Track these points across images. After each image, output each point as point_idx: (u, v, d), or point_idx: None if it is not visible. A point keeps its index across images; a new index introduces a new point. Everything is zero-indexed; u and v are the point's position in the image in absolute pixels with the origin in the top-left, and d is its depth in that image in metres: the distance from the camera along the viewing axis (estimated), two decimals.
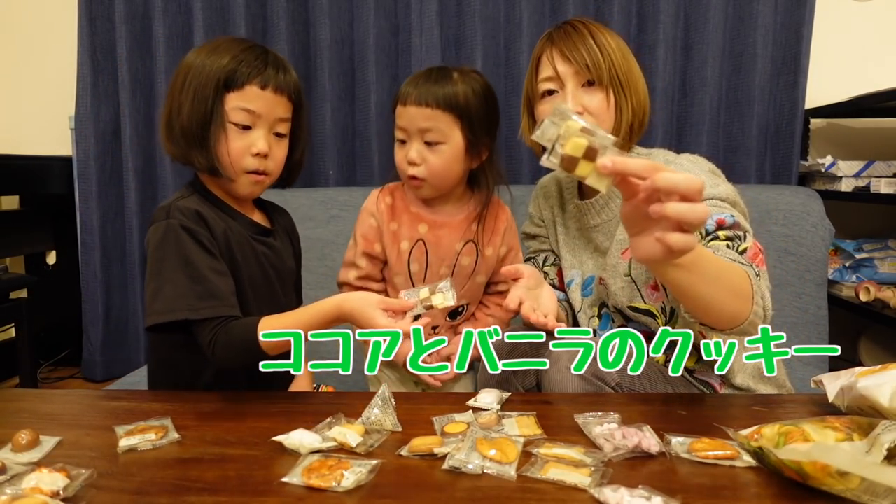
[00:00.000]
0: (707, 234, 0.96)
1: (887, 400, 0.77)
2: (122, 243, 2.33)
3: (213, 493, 0.69)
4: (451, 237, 1.23)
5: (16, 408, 0.96)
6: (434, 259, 1.22)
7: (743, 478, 0.71)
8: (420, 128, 1.13)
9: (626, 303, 1.12)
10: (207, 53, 1.03)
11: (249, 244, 1.07)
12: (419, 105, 1.12)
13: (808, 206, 1.72)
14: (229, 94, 1.01)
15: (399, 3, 2.14)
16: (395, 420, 0.85)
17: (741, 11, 2.06)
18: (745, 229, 0.97)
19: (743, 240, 0.95)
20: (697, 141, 2.09)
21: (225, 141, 1.02)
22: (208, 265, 0.97)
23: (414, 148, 1.15)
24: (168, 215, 0.99)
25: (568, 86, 1.08)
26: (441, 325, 1.26)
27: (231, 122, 1.02)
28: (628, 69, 1.09)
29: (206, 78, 1.01)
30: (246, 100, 1.02)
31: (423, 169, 1.16)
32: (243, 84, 1.01)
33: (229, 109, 1.02)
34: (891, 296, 1.80)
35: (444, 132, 1.14)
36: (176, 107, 1.03)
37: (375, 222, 1.23)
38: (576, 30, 1.10)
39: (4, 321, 2.09)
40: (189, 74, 1.02)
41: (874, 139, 2.23)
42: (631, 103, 1.08)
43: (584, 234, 1.22)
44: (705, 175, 1.05)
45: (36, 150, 2.34)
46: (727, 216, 0.96)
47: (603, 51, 1.07)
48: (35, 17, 2.43)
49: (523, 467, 0.72)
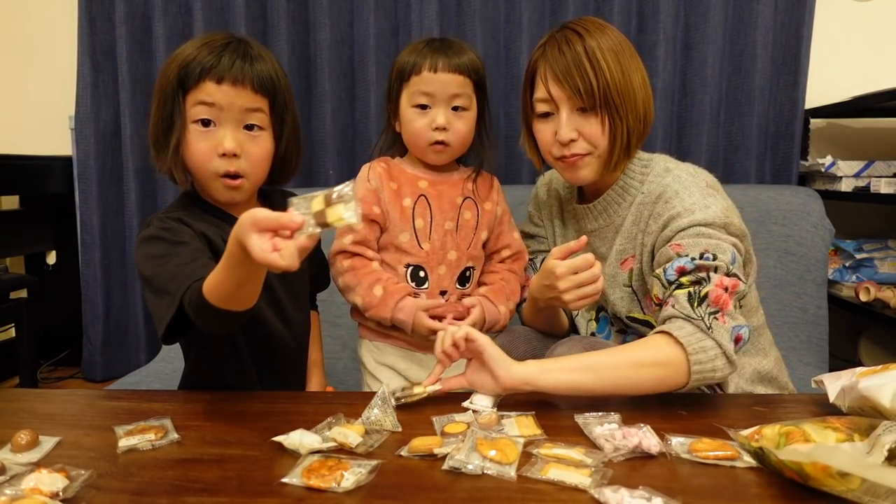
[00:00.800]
0: (670, 283, 0.96)
1: (888, 400, 0.77)
2: (122, 243, 2.33)
3: (212, 493, 0.69)
4: (452, 192, 1.24)
5: (16, 408, 0.95)
6: (437, 213, 1.22)
7: (743, 478, 0.71)
8: (452, 94, 1.16)
9: (624, 312, 1.12)
10: (171, 57, 0.99)
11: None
12: (451, 72, 1.15)
13: (808, 206, 1.72)
14: (188, 95, 0.96)
15: (399, 3, 2.14)
16: (395, 420, 0.85)
17: (741, 11, 2.06)
18: (711, 267, 0.95)
19: (707, 281, 0.94)
20: (697, 141, 2.09)
21: (189, 145, 0.97)
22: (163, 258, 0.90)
23: (442, 113, 1.16)
24: (149, 224, 0.97)
25: (562, 111, 1.06)
26: (450, 291, 1.24)
27: (192, 121, 0.96)
28: (625, 86, 1.04)
29: (165, 81, 0.97)
30: (204, 93, 0.95)
31: (451, 134, 1.18)
32: (197, 81, 0.95)
33: (189, 108, 0.96)
34: (891, 296, 1.80)
35: (470, 98, 1.19)
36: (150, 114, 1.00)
37: (373, 185, 1.22)
38: (569, 45, 1.04)
39: (4, 321, 2.08)
40: (156, 82, 0.99)
41: (874, 139, 2.23)
42: (627, 123, 1.05)
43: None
44: (699, 192, 1.02)
45: (36, 150, 2.34)
46: (686, 261, 0.95)
47: (598, 71, 1.02)
48: (35, 17, 2.43)
49: (523, 468, 0.72)
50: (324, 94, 2.16)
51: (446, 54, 1.15)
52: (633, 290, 1.11)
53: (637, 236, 1.09)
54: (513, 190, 1.79)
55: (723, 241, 0.98)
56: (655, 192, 1.07)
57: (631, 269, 1.11)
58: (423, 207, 1.22)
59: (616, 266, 1.13)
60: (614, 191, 1.13)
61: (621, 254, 1.12)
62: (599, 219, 1.16)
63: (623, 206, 1.13)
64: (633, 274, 1.10)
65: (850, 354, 2.16)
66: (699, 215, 0.99)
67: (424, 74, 1.15)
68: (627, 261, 1.11)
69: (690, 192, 1.02)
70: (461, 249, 1.24)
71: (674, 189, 1.04)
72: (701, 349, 0.89)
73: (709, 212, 0.99)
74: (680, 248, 0.97)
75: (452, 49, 1.17)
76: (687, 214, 1.00)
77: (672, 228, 1.00)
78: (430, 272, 1.22)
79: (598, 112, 1.04)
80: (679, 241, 0.98)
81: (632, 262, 1.11)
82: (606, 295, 1.15)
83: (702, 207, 1.00)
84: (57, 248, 2.46)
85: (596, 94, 1.03)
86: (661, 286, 0.98)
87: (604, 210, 1.15)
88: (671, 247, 0.98)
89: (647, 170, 1.12)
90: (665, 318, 0.95)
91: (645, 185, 1.10)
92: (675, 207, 1.01)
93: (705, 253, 0.96)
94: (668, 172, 1.08)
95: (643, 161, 1.13)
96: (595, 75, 1.02)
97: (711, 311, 0.92)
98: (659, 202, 1.05)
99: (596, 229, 1.18)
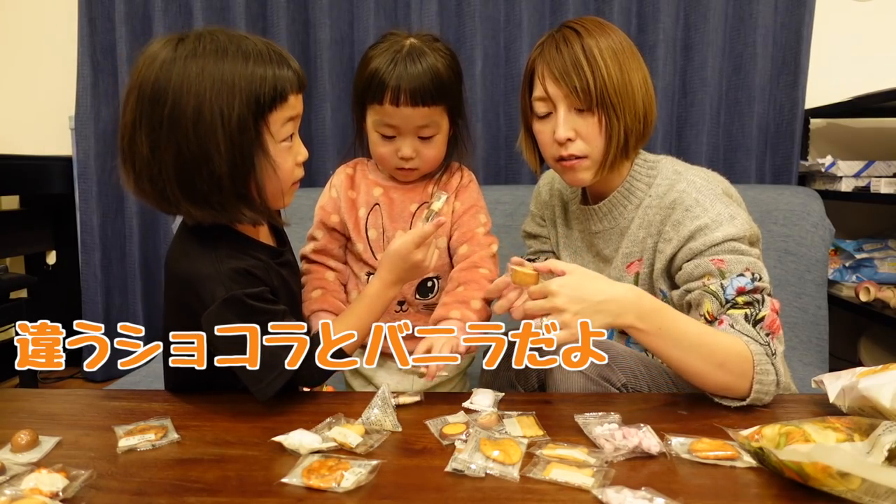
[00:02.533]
0: (727, 301, 0.95)
1: (888, 401, 0.77)
2: (122, 243, 2.33)
3: (212, 493, 0.69)
4: (405, 198, 1.20)
5: (15, 408, 0.95)
6: (388, 221, 1.19)
7: (743, 478, 0.71)
8: (417, 126, 1.10)
9: None
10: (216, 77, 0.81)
11: (276, 270, 0.98)
12: (415, 105, 1.06)
13: (808, 206, 1.71)
14: (273, 113, 0.86)
15: (399, 3, 2.14)
16: (395, 420, 0.85)
17: (741, 11, 2.06)
18: (764, 289, 0.96)
19: (762, 304, 0.94)
20: (697, 141, 2.09)
21: (273, 168, 0.87)
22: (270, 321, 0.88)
23: (408, 144, 1.11)
24: (227, 289, 0.86)
25: (560, 110, 1.05)
26: (409, 302, 1.19)
27: (278, 140, 0.88)
28: (623, 85, 1.02)
29: (241, 106, 0.82)
30: (291, 108, 0.88)
31: (418, 161, 1.14)
32: (287, 96, 0.86)
33: (277, 129, 0.87)
34: (891, 296, 1.80)
35: (438, 124, 1.11)
36: (195, 155, 0.81)
37: (335, 193, 1.21)
38: (567, 44, 1.03)
39: (4, 321, 2.08)
40: (204, 110, 0.81)
41: (874, 139, 2.23)
42: (624, 123, 1.03)
43: (586, 237, 1.21)
44: (720, 202, 1.01)
45: (36, 150, 2.34)
46: (746, 282, 0.95)
47: (595, 70, 1.01)
48: (35, 17, 2.43)
49: (525, 468, 0.72)
50: (324, 94, 2.16)
51: (409, 80, 1.05)
52: None
53: (646, 240, 1.08)
54: (513, 190, 1.79)
55: (758, 260, 0.98)
56: (669, 197, 1.05)
57: (637, 273, 1.10)
58: (376, 217, 1.19)
59: (622, 269, 1.12)
60: (620, 192, 1.12)
61: (627, 257, 1.11)
62: (605, 220, 1.16)
63: (629, 209, 1.12)
64: (640, 278, 1.09)
65: (850, 354, 2.16)
66: (730, 229, 0.98)
67: (387, 107, 1.06)
68: (633, 264, 1.10)
69: (711, 201, 1.01)
70: None
71: (693, 197, 1.02)
72: (765, 372, 0.90)
73: (737, 224, 0.99)
74: (723, 264, 0.96)
75: (415, 68, 1.05)
76: (715, 227, 0.98)
77: (704, 242, 0.98)
78: None
79: (596, 111, 1.03)
80: (718, 255, 0.97)
81: (638, 266, 1.10)
82: None
83: (728, 219, 0.99)
84: (57, 248, 2.46)
85: (593, 93, 1.01)
86: (717, 303, 0.96)
87: (609, 212, 1.14)
88: (712, 261, 0.97)
89: (654, 172, 1.11)
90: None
91: (652, 187, 1.09)
92: (700, 218, 1.00)
93: (753, 274, 0.96)
94: (679, 176, 1.07)
95: (649, 163, 1.12)
96: (592, 74, 1.01)
97: (766, 334, 0.93)
98: (677, 209, 1.03)
99: (600, 231, 1.17)
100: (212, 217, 0.88)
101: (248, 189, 0.86)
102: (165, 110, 0.81)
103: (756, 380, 0.89)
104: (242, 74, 0.82)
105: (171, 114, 0.81)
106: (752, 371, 0.89)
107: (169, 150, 0.82)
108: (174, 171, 0.83)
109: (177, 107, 0.81)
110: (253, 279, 0.90)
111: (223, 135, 0.81)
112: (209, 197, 0.85)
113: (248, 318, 0.85)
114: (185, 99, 0.81)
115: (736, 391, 0.91)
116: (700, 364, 0.90)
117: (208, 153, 0.82)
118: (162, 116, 0.81)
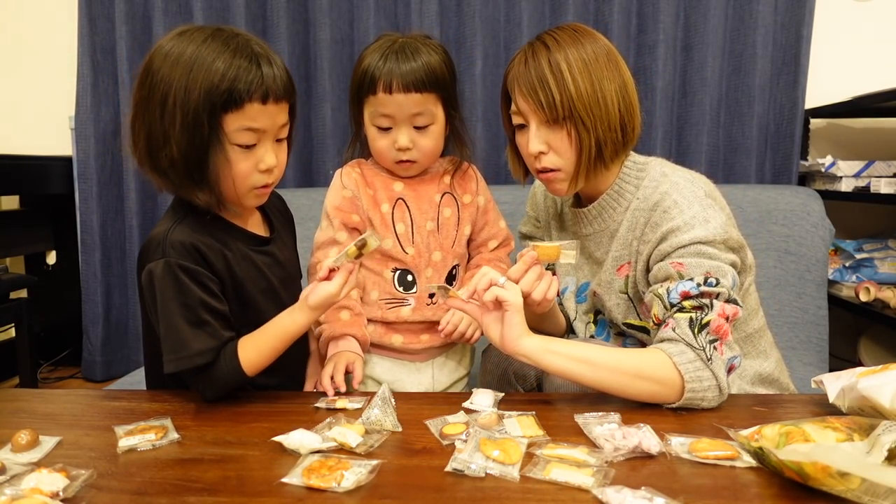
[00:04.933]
0: (672, 306, 0.96)
1: (888, 400, 0.77)
2: (122, 243, 2.33)
3: (212, 493, 0.69)
4: (428, 189, 1.22)
5: (16, 408, 0.96)
6: (417, 213, 1.20)
7: (743, 478, 0.71)
8: (411, 113, 1.12)
9: (620, 319, 1.11)
10: (186, 68, 0.88)
11: (249, 258, 1.02)
12: (408, 91, 1.09)
13: (808, 206, 1.72)
14: (228, 115, 0.89)
15: (399, 3, 2.14)
16: (395, 420, 0.85)
17: (741, 11, 2.06)
18: (714, 293, 0.95)
19: (710, 309, 0.94)
20: (697, 141, 2.09)
21: (228, 166, 0.92)
22: (205, 305, 0.94)
23: (404, 133, 1.13)
24: (164, 253, 0.92)
25: (531, 125, 1.05)
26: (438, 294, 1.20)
27: (233, 143, 0.92)
28: (592, 97, 1.01)
29: (196, 101, 0.87)
30: (248, 118, 0.90)
31: (415, 152, 1.15)
32: (243, 102, 0.89)
33: (231, 132, 0.90)
34: (891, 296, 1.80)
35: (432, 113, 1.13)
36: (159, 136, 0.90)
37: (350, 193, 1.20)
38: (535, 58, 1.03)
39: (4, 321, 2.08)
40: (169, 97, 0.88)
41: (874, 139, 2.23)
42: (596, 134, 1.02)
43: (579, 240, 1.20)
44: (699, 204, 1.01)
45: (36, 150, 2.34)
46: (692, 286, 0.94)
47: (560, 84, 1.01)
48: (35, 17, 2.43)
49: (525, 468, 0.72)
50: (324, 94, 2.16)
51: (400, 68, 1.09)
52: (629, 297, 1.10)
53: (632, 243, 1.08)
54: (511, 190, 1.79)
55: (723, 264, 0.97)
56: (652, 199, 1.05)
57: (627, 276, 1.10)
58: (402, 211, 1.20)
59: (612, 272, 1.12)
60: (609, 195, 1.12)
61: (617, 260, 1.11)
62: (594, 223, 1.15)
63: (618, 211, 1.11)
64: (629, 281, 1.09)
65: (850, 354, 2.16)
66: (699, 231, 0.97)
67: (380, 96, 1.10)
68: (623, 267, 1.10)
69: (690, 202, 1.01)
70: (445, 249, 1.22)
71: (672, 198, 1.02)
72: (697, 378, 0.90)
73: (709, 227, 0.98)
74: (682, 267, 0.96)
75: (407, 59, 1.10)
76: (687, 229, 0.98)
77: (672, 243, 0.99)
78: (417, 276, 1.20)
79: (564, 124, 1.03)
80: (680, 258, 0.97)
81: (628, 269, 1.10)
82: (603, 300, 1.14)
83: (702, 222, 0.98)
84: (57, 248, 2.46)
85: (558, 107, 1.01)
86: (663, 307, 0.97)
87: (598, 215, 1.14)
88: (671, 264, 0.97)
89: (643, 174, 1.10)
90: (664, 339, 0.95)
91: (640, 189, 1.09)
92: (675, 219, 1.00)
93: (709, 277, 0.95)
94: (664, 178, 1.07)
95: (639, 165, 1.12)
96: (558, 88, 1.01)
97: (711, 340, 0.92)
98: (657, 210, 1.03)
99: (591, 234, 1.17)
100: (172, 190, 0.96)
101: (203, 177, 0.92)
102: (144, 90, 0.91)
103: (688, 388, 0.90)
104: (206, 70, 0.88)
105: (148, 94, 0.91)
106: (677, 376, 0.90)
107: (143, 125, 0.92)
108: (144, 143, 0.93)
109: (153, 89, 0.90)
110: (197, 257, 0.94)
111: (181, 124, 0.89)
112: (168, 173, 0.93)
113: (173, 289, 0.91)
114: (159, 85, 0.89)
115: (667, 398, 0.92)
116: (618, 378, 0.91)
117: (168, 136, 0.90)
118: (141, 95, 0.92)
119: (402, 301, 1.20)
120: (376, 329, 1.21)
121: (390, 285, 1.20)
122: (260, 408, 0.93)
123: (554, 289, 1.02)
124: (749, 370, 1.13)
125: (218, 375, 0.93)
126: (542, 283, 1.00)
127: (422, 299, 1.20)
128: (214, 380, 0.94)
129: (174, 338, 0.92)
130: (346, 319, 1.16)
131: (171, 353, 0.92)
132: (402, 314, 1.20)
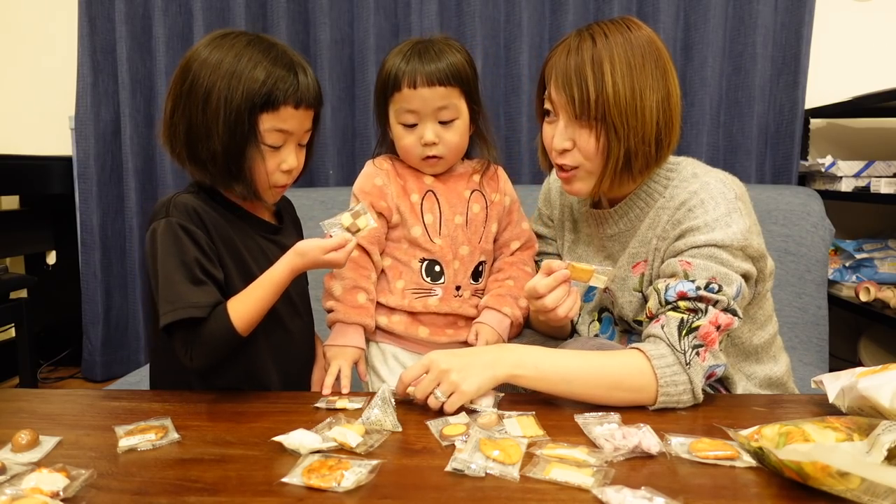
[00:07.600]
0: (667, 303, 0.95)
1: (888, 400, 0.77)
2: (122, 243, 2.33)
3: (213, 493, 0.69)
4: (458, 185, 1.23)
5: (16, 408, 0.96)
6: (446, 206, 1.21)
7: (743, 478, 0.71)
8: (436, 107, 1.13)
9: (631, 316, 1.10)
10: (229, 70, 0.95)
11: (257, 243, 1.06)
12: (432, 85, 1.11)
13: (808, 206, 1.72)
14: (263, 115, 0.97)
15: (399, 3, 2.14)
16: (395, 420, 0.85)
17: (741, 11, 2.06)
18: (712, 300, 0.93)
19: (703, 314, 0.93)
20: (697, 141, 2.09)
21: (262, 163, 0.99)
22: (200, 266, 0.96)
23: (429, 129, 1.14)
24: (167, 213, 0.97)
25: (561, 118, 1.02)
26: (464, 287, 1.22)
27: (265, 143, 0.99)
28: (630, 103, 0.96)
29: (240, 100, 0.95)
30: (280, 120, 0.98)
31: (442, 147, 1.16)
32: (278, 105, 0.97)
33: (263, 131, 0.98)
34: (891, 296, 1.80)
35: (457, 107, 1.15)
36: (202, 130, 0.97)
37: (381, 181, 1.21)
38: (578, 50, 0.98)
39: (4, 321, 2.08)
40: (212, 95, 0.95)
41: (874, 139, 2.23)
42: (627, 144, 0.97)
43: (596, 241, 1.18)
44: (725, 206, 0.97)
45: (36, 150, 2.34)
46: (690, 288, 0.93)
47: (598, 82, 0.96)
48: (35, 17, 2.43)
49: (525, 468, 0.72)
50: (324, 94, 2.15)
51: (423, 65, 1.12)
52: (643, 296, 1.08)
53: (651, 240, 1.05)
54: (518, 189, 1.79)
55: (732, 272, 0.95)
56: (679, 198, 1.02)
57: (642, 274, 1.08)
58: (432, 202, 1.21)
59: (627, 269, 1.10)
60: (638, 196, 1.08)
61: (633, 257, 1.09)
62: (620, 223, 1.12)
63: (645, 211, 1.08)
64: (644, 279, 1.07)
65: (850, 354, 2.16)
66: (718, 234, 0.95)
67: (405, 91, 1.12)
68: (639, 265, 1.08)
69: (717, 203, 0.98)
70: (472, 244, 1.22)
71: (700, 198, 0.99)
72: (672, 382, 0.90)
73: (729, 231, 0.95)
74: (689, 267, 0.95)
75: (430, 57, 1.13)
76: (707, 230, 0.96)
77: (687, 242, 0.97)
78: (445, 267, 1.20)
79: (595, 126, 0.98)
80: (690, 258, 0.96)
81: (643, 267, 1.07)
82: (615, 297, 1.12)
83: (724, 225, 0.96)
84: (57, 248, 2.47)
85: (591, 106, 0.96)
86: (658, 303, 0.96)
87: (625, 214, 1.10)
88: (680, 262, 0.96)
89: (673, 174, 1.07)
90: (650, 335, 0.94)
91: (669, 189, 1.06)
92: (697, 219, 0.97)
93: (711, 283, 0.93)
94: (695, 178, 1.03)
95: (669, 164, 1.08)
96: (595, 86, 0.96)
97: (696, 345, 0.91)
98: (682, 208, 1.00)
99: (616, 234, 1.13)
100: (210, 180, 1.02)
101: (240, 169, 0.99)
102: (185, 86, 0.98)
103: (661, 392, 0.90)
104: (248, 74, 0.96)
105: (188, 91, 0.97)
106: (653, 381, 0.90)
107: (183, 119, 0.98)
108: (184, 137, 0.99)
109: (194, 86, 0.97)
110: (198, 220, 0.98)
111: (223, 120, 0.96)
112: (207, 165, 0.99)
113: (173, 245, 0.95)
114: (201, 82, 0.96)
115: (643, 402, 0.91)
116: (593, 391, 0.91)
117: (210, 131, 0.96)
118: (182, 90, 0.98)
119: (429, 291, 1.20)
120: (402, 319, 1.21)
121: (418, 275, 1.20)
122: (260, 408, 0.93)
123: (577, 307, 1.01)
124: (760, 374, 1.11)
125: (208, 335, 0.94)
126: (570, 300, 1.00)
127: (449, 290, 1.21)
128: (205, 339, 0.94)
129: (171, 290, 0.94)
130: (362, 303, 1.18)
131: (167, 306, 0.94)
132: (429, 304, 1.20)
